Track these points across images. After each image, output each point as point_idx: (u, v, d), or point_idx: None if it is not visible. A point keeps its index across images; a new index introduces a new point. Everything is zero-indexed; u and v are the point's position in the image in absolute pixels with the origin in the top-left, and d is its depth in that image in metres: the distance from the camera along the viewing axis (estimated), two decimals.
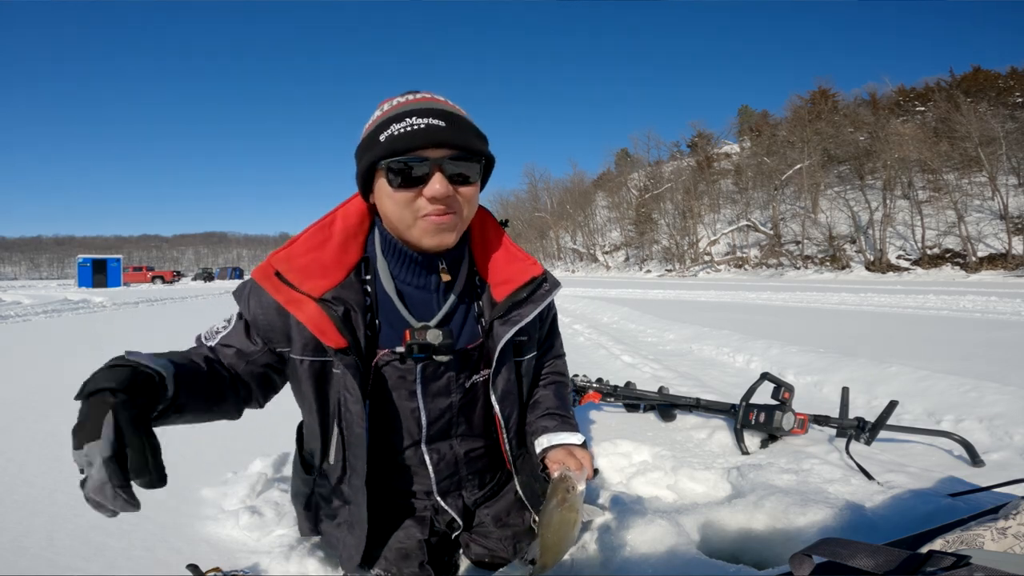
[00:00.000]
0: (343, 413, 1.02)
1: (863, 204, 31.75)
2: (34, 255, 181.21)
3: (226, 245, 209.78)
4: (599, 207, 56.79)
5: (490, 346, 1.07)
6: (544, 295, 1.11)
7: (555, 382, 1.26)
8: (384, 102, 0.99)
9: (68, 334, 6.03)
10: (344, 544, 1.09)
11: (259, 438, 2.09)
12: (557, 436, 1.08)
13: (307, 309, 0.95)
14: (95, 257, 34.51)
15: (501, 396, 1.10)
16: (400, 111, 0.93)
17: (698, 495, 1.63)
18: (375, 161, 0.92)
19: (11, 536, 1.33)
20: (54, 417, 2.39)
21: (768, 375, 2.01)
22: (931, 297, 10.39)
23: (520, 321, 1.06)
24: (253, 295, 1.02)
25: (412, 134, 0.89)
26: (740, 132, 50.78)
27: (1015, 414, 2.21)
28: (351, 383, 0.98)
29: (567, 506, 0.91)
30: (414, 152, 0.90)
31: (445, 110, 0.94)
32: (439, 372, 1.06)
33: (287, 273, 0.97)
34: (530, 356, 1.18)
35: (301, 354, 1.00)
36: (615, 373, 3.35)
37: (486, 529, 1.19)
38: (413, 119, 0.90)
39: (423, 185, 0.92)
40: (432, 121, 0.91)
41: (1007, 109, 31.48)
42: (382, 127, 0.92)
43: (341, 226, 1.03)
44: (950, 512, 1.18)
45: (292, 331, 1.00)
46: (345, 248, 1.02)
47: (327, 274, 0.99)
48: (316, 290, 0.96)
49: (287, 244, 1.01)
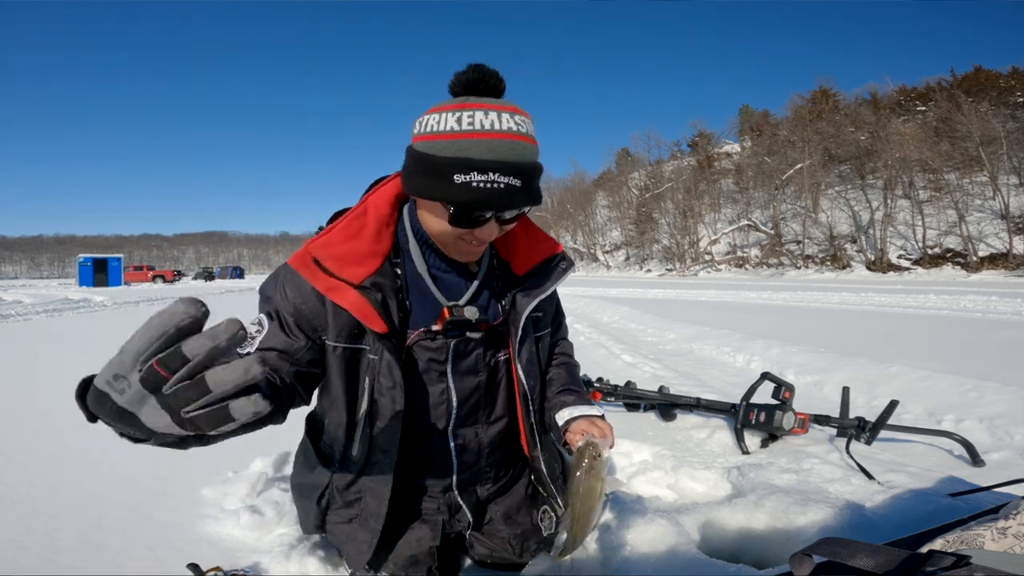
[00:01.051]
0: (375, 400, 1.04)
1: (864, 204, 31.72)
2: (35, 254, 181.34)
3: (227, 244, 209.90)
4: (599, 206, 56.75)
5: (512, 319, 1.10)
6: (562, 271, 1.15)
7: (566, 363, 1.30)
8: (456, 107, 0.89)
9: (69, 333, 6.03)
10: (353, 540, 1.09)
11: (259, 437, 2.09)
12: (578, 408, 1.10)
13: (348, 296, 0.96)
14: (96, 256, 34.51)
15: (525, 369, 1.13)
16: (485, 157, 0.86)
17: (698, 495, 1.63)
18: (443, 200, 0.89)
19: (11, 536, 1.33)
20: (55, 417, 2.40)
21: (768, 375, 2.01)
22: (932, 297, 10.38)
23: (541, 294, 1.11)
24: (289, 285, 1.00)
25: (490, 193, 0.87)
26: (741, 131, 50.74)
27: (1015, 414, 2.21)
28: (390, 368, 1.00)
29: (593, 473, 0.92)
30: (485, 210, 0.90)
31: (525, 161, 0.89)
32: (468, 349, 1.08)
33: (325, 260, 0.98)
34: (545, 332, 1.23)
35: (335, 340, 1.01)
36: (615, 372, 3.35)
37: (494, 527, 1.20)
38: (495, 176, 0.86)
39: (476, 227, 0.94)
40: (512, 182, 0.88)
41: (1008, 109, 31.44)
42: (460, 165, 0.86)
43: (374, 215, 1.04)
44: (950, 512, 1.18)
45: (329, 317, 1.00)
46: (379, 237, 1.03)
47: (364, 262, 1.00)
48: (355, 277, 0.98)
49: (323, 233, 1.01)
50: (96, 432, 2.33)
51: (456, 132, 0.87)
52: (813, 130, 36.34)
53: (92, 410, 0.58)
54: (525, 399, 1.14)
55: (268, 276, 1.07)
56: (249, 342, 0.98)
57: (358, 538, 1.08)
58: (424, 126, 0.91)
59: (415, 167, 0.92)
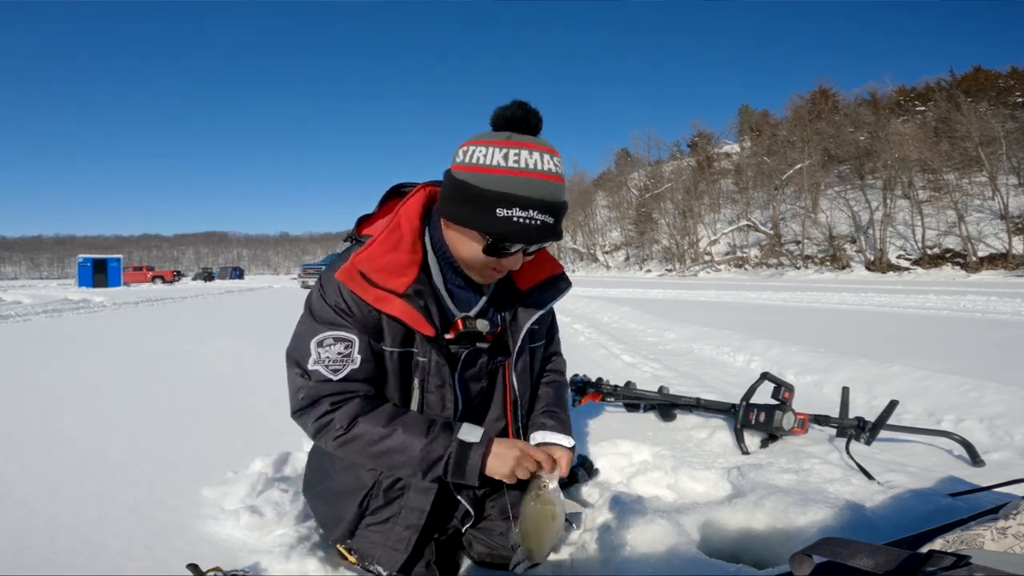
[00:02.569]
0: (425, 399, 1.11)
1: (863, 204, 31.75)
2: (34, 255, 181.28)
3: (226, 245, 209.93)
4: (599, 207, 56.77)
5: (513, 331, 1.19)
6: (561, 290, 1.25)
7: (556, 381, 1.37)
8: (505, 145, 0.96)
9: (68, 334, 6.03)
10: (389, 539, 1.12)
11: (259, 438, 2.10)
12: (550, 435, 1.19)
13: (396, 304, 1.03)
14: (95, 257, 34.48)
15: (519, 377, 1.21)
16: (527, 195, 0.94)
17: (698, 495, 1.63)
18: (483, 230, 0.97)
19: (11, 536, 1.33)
20: (54, 416, 2.40)
21: (768, 375, 2.01)
22: (931, 297, 10.39)
23: (541, 308, 1.20)
24: (350, 300, 1.05)
25: (527, 229, 0.96)
26: (740, 132, 50.78)
27: (1015, 414, 2.21)
28: (439, 368, 1.09)
29: (541, 499, 1.05)
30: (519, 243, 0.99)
31: (558, 203, 0.98)
32: (474, 358, 1.16)
33: (371, 273, 1.03)
34: (539, 344, 1.31)
35: (391, 346, 1.07)
36: (615, 373, 3.35)
37: (492, 523, 1.23)
38: (534, 213, 0.95)
39: (505, 257, 1.03)
40: (547, 219, 0.97)
41: (1007, 109, 31.49)
42: (504, 200, 0.94)
43: (408, 228, 1.09)
44: (950, 512, 1.18)
45: (383, 325, 1.07)
46: (415, 248, 1.09)
47: (405, 272, 1.05)
48: (400, 287, 1.04)
49: (365, 247, 1.06)
50: (96, 432, 2.32)
51: (502, 168, 0.95)
52: (813, 130, 36.38)
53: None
54: (515, 405, 1.22)
55: (314, 294, 1.10)
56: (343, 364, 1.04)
57: (397, 536, 1.12)
58: (470, 157, 0.98)
59: (457, 195, 0.99)
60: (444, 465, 1.01)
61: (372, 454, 1.02)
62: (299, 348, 1.06)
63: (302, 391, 1.05)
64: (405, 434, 1.01)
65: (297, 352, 1.06)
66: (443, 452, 1.01)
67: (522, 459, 1.03)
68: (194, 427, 2.25)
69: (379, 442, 1.01)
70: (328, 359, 1.04)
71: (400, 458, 1.01)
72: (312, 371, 1.04)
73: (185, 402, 2.69)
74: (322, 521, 1.26)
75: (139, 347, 4.70)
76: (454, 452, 1.01)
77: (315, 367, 1.04)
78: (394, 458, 1.02)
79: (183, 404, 2.64)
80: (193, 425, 2.28)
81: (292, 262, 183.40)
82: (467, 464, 1.01)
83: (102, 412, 2.47)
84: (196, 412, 2.49)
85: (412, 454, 1.01)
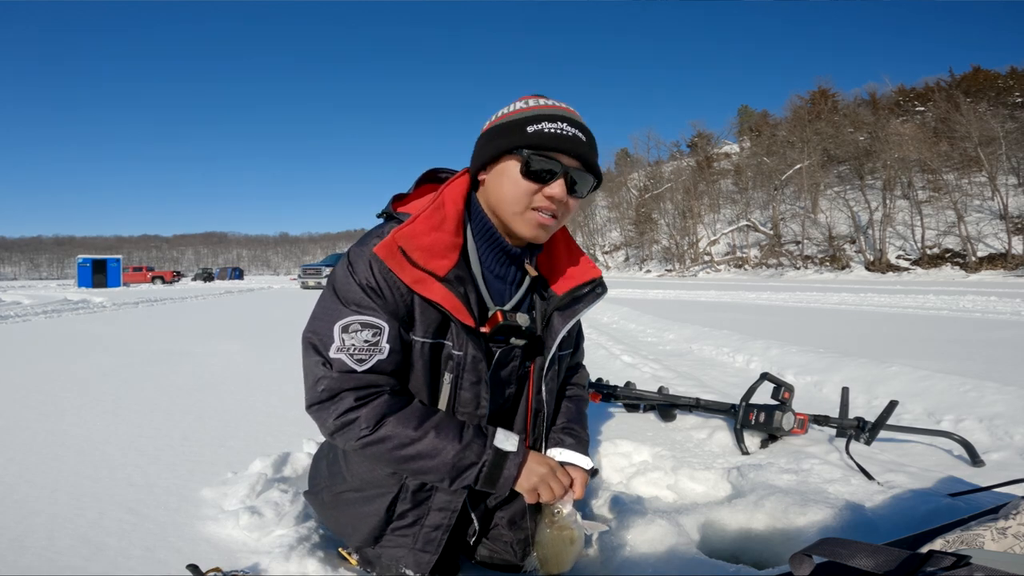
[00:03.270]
0: (458, 396, 1.02)
1: (863, 204, 31.75)
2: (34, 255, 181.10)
3: (226, 245, 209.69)
4: (599, 207, 56.74)
5: (547, 337, 1.11)
6: (596, 296, 1.18)
7: (578, 396, 1.31)
8: (529, 98, 1.03)
9: (68, 334, 6.02)
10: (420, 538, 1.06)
11: (259, 438, 2.10)
12: (568, 454, 1.12)
13: (436, 289, 0.95)
14: (95, 257, 34.42)
15: (548, 385, 1.14)
16: (554, 113, 0.98)
17: (698, 495, 1.63)
18: (518, 146, 0.96)
19: (11, 536, 1.32)
20: (54, 417, 2.39)
21: (768, 375, 2.01)
22: (931, 297, 10.40)
23: (576, 315, 1.13)
24: (383, 280, 0.95)
25: (560, 138, 0.95)
26: (740, 132, 50.80)
27: (1015, 414, 2.21)
28: (475, 364, 1.00)
29: (557, 525, 1.01)
30: (555, 153, 0.96)
31: (586, 127, 1.01)
32: (508, 359, 1.08)
33: (412, 252, 0.95)
34: (567, 352, 1.24)
35: (423, 336, 0.99)
36: (615, 373, 3.35)
37: (499, 532, 1.20)
38: (564, 126, 0.97)
39: (546, 184, 0.97)
40: (578, 134, 0.98)
41: (1007, 109, 31.51)
42: (533, 120, 0.97)
43: (452, 209, 1.02)
44: (950, 512, 1.18)
45: (416, 311, 0.98)
46: (458, 231, 1.02)
47: (447, 254, 0.98)
48: (440, 269, 0.96)
49: (408, 223, 0.97)
50: (96, 432, 2.32)
51: (527, 107, 1.01)
52: (812, 130, 36.39)
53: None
54: (537, 414, 1.15)
55: (340, 271, 1.00)
56: (370, 353, 0.95)
57: (426, 538, 1.06)
58: (496, 115, 1.03)
59: (489, 138, 1.01)
60: (477, 473, 0.95)
61: (399, 458, 0.94)
62: (319, 332, 0.96)
63: (322, 382, 0.94)
64: (437, 438, 0.94)
65: (317, 337, 0.96)
66: (477, 459, 0.94)
67: (549, 478, 0.98)
68: (194, 427, 2.25)
69: (408, 445, 0.93)
70: (353, 347, 0.94)
71: (429, 464, 0.94)
72: (334, 360, 0.93)
73: (185, 402, 2.68)
74: (336, 528, 1.17)
75: (139, 347, 4.70)
76: (489, 460, 0.95)
77: (338, 355, 0.93)
78: (423, 463, 0.94)
79: (183, 404, 2.64)
80: (193, 425, 2.28)
81: (292, 262, 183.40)
82: (502, 474, 0.95)
83: (102, 412, 2.47)
84: (196, 412, 2.49)
85: (444, 459, 0.93)
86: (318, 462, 1.25)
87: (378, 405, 0.94)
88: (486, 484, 0.96)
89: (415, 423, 0.94)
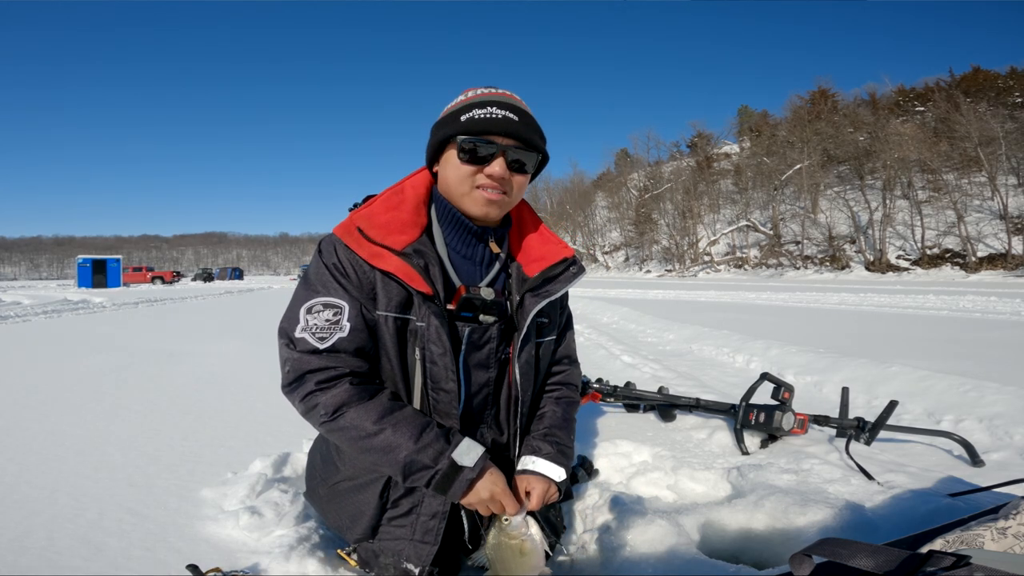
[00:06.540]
0: (428, 370, 1.04)
1: (863, 204, 31.75)
2: (34, 255, 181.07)
3: (226, 245, 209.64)
4: (599, 207, 56.78)
5: (519, 318, 1.12)
6: (572, 276, 1.19)
7: (566, 398, 1.26)
8: (469, 90, 1.11)
9: (68, 334, 6.02)
10: (418, 528, 1.06)
11: (258, 439, 2.10)
12: (540, 464, 1.11)
13: (391, 261, 1.02)
14: (95, 257, 34.45)
15: (522, 370, 1.12)
16: (484, 99, 1.05)
17: (698, 495, 1.63)
18: (452, 135, 1.04)
19: (11, 536, 1.32)
20: (54, 417, 2.39)
21: (768, 375, 2.01)
22: (931, 297, 10.40)
23: (550, 296, 1.14)
24: (346, 259, 1.03)
25: (489, 121, 1.02)
26: (740, 132, 50.78)
27: (1015, 414, 2.21)
28: (439, 333, 1.02)
29: (504, 534, 1.00)
30: (487, 136, 1.02)
31: (520, 107, 1.07)
32: (482, 341, 1.09)
33: (368, 229, 1.03)
34: (549, 339, 1.22)
35: (386, 310, 1.03)
36: (615, 373, 3.35)
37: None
38: (493, 109, 1.03)
39: (486, 164, 1.04)
40: (508, 115, 1.04)
41: (1007, 109, 31.50)
42: (465, 110, 1.04)
43: (412, 193, 1.12)
44: (950, 512, 1.18)
45: (378, 287, 1.03)
46: (418, 211, 1.10)
47: (405, 230, 1.06)
48: (398, 244, 1.03)
49: (365, 205, 1.09)
50: (96, 433, 2.32)
51: (465, 99, 1.08)
52: (812, 130, 36.39)
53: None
54: (516, 402, 1.13)
55: (312, 258, 1.09)
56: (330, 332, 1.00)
57: (423, 527, 1.06)
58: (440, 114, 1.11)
59: (432, 132, 1.09)
60: (429, 477, 0.96)
61: (358, 448, 0.98)
62: (289, 317, 1.03)
63: (287, 364, 1.01)
64: (394, 435, 0.95)
65: (287, 321, 1.04)
66: (432, 464, 0.96)
67: (500, 496, 0.99)
68: (194, 428, 2.25)
69: (365, 439, 0.96)
70: (315, 326, 1.00)
71: (383, 458, 0.96)
72: (298, 339, 1.00)
73: (185, 403, 2.68)
74: (335, 522, 1.18)
75: (139, 348, 4.69)
76: (443, 470, 0.96)
77: (302, 335, 1.00)
78: (377, 457, 0.97)
79: (183, 405, 2.64)
80: (193, 426, 2.28)
81: (291, 263, 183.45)
82: (452, 485, 0.96)
83: (102, 412, 2.47)
84: (196, 413, 2.49)
85: (396, 457, 0.95)
86: (313, 456, 1.28)
87: (337, 394, 0.97)
88: (437, 490, 0.98)
89: (374, 417, 0.97)
